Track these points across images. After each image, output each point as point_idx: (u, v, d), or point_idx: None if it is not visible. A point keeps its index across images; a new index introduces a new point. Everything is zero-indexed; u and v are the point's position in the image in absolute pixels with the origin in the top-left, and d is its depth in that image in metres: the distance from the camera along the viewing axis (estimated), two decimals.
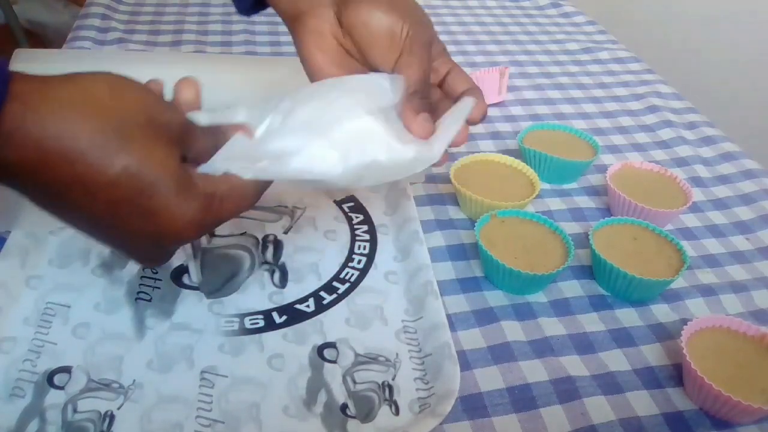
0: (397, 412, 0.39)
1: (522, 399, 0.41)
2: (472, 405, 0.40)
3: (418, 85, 0.40)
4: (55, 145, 0.28)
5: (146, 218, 0.31)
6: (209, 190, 0.33)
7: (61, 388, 0.39)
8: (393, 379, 0.41)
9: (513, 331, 0.45)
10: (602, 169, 0.61)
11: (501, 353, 0.43)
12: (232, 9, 0.49)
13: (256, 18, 0.84)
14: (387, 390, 0.40)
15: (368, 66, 0.42)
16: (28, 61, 0.62)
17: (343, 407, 0.39)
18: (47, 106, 0.28)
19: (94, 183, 0.29)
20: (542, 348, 0.44)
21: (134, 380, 0.39)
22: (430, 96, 0.42)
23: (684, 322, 0.44)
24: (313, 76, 0.42)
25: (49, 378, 0.39)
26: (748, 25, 1.36)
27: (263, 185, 0.36)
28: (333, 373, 0.41)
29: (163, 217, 0.31)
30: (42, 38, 1.59)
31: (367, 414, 0.39)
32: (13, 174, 0.28)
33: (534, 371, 0.42)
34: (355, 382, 0.41)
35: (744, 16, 1.36)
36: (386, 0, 0.40)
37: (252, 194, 0.36)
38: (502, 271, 0.47)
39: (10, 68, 0.27)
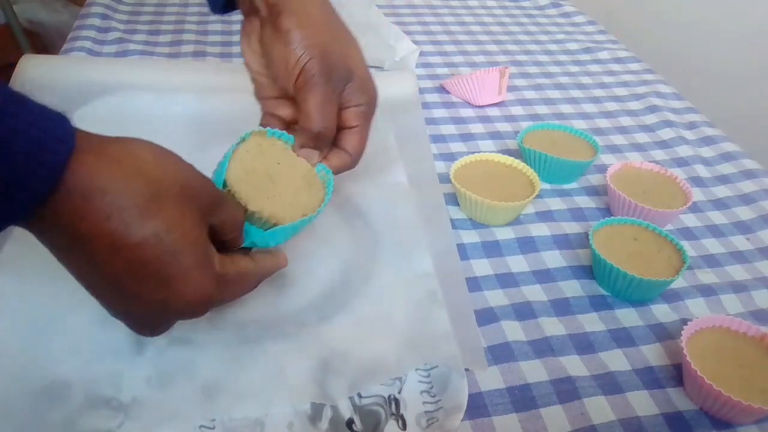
0: (404, 427, 0.38)
1: (522, 399, 0.41)
2: (472, 404, 0.40)
3: (318, 128, 0.44)
4: (99, 198, 0.29)
5: (160, 285, 0.31)
6: (222, 271, 0.35)
7: (58, 405, 0.36)
8: (399, 393, 0.39)
9: (513, 331, 0.45)
10: (602, 169, 0.61)
11: (501, 353, 0.43)
12: None
13: None
14: (393, 404, 0.39)
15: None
16: (34, 67, 0.62)
17: (349, 422, 0.38)
18: (101, 161, 0.29)
19: (122, 241, 0.29)
20: (542, 348, 0.44)
21: (134, 397, 0.37)
22: (325, 143, 0.45)
23: (684, 322, 0.44)
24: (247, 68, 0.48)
25: (45, 394, 0.37)
26: (749, 26, 1.36)
27: (265, 273, 0.40)
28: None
29: (177, 287, 0.32)
30: (42, 38, 1.59)
31: (373, 429, 0.38)
32: (50, 217, 0.28)
33: (534, 371, 0.42)
34: (360, 397, 0.39)
35: (744, 17, 1.36)
36: (302, 25, 0.42)
37: (254, 282, 0.39)
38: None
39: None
